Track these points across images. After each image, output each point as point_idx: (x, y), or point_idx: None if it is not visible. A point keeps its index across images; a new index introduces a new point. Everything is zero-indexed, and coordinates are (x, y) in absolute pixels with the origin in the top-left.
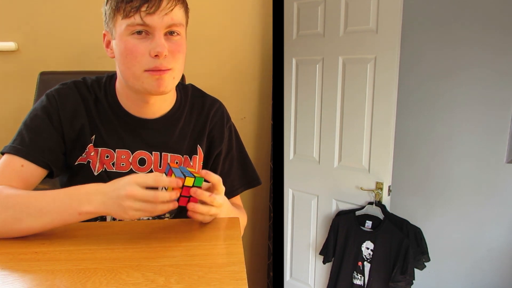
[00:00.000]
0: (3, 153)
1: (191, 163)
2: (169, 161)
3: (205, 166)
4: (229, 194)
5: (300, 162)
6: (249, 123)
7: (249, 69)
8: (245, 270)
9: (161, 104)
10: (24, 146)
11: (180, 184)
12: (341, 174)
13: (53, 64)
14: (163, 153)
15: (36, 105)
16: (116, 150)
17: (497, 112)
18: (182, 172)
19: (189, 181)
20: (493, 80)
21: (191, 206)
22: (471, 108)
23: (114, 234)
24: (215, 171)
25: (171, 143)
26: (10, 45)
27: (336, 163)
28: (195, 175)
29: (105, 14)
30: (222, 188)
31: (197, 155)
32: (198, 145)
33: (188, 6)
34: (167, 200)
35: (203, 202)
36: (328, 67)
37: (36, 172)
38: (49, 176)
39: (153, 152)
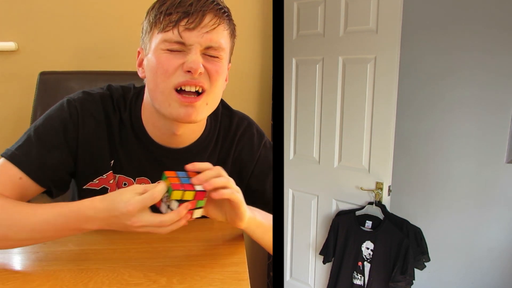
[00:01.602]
0: (2, 156)
1: None
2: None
3: (240, 188)
4: None
5: (300, 162)
6: None
7: (249, 69)
8: (248, 270)
9: (190, 134)
10: (29, 159)
11: (189, 207)
12: (341, 174)
13: (53, 64)
14: None
15: (53, 112)
16: (136, 178)
17: (497, 112)
18: (181, 184)
19: (189, 195)
20: (493, 80)
21: (209, 184)
22: (471, 108)
23: (116, 234)
24: (256, 191)
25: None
26: (10, 45)
27: (336, 163)
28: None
29: (142, 29)
30: (214, 171)
31: None
32: None
33: (236, 32)
34: (175, 221)
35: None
36: (328, 67)
37: (34, 188)
38: (49, 195)
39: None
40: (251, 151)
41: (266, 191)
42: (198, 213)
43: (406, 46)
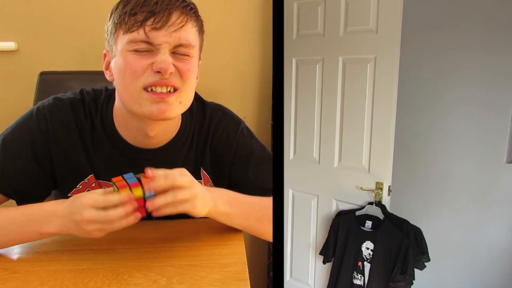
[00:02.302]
0: None
1: None
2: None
3: (223, 179)
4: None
5: (300, 162)
6: (249, 123)
7: (249, 69)
8: (247, 270)
9: (164, 135)
10: None
11: (133, 197)
12: (341, 174)
13: (53, 64)
14: None
15: (22, 121)
16: None
17: (497, 112)
18: (127, 183)
19: (137, 192)
20: (493, 80)
21: (151, 204)
22: (471, 108)
23: (116, 234)
24: (240, 179)
25: None
26: (10, 45)
27: (336, 163)
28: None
29: (107, 30)
30: (172, 175)
31: (201, 179)
32: (202, 169)
33: (204, 28)
34: (123, 216)
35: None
36: (328, 67)
37: None
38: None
39: None
40: (228, 141)
41: (250, 177)
42: None
43: (406, 46)
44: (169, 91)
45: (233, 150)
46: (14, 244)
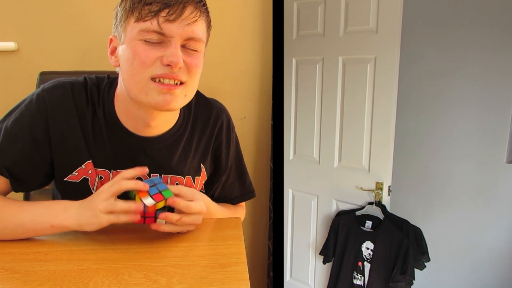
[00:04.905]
0: None
1: (193, 184)
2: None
3: (209, 183)
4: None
5: (300, 162)
6: (249, 123)
7: (249, 69)
8: (247, 270)
9: (164, 125)
10: None
11: (148, 187)
12: (341, 174)
13: (53, 64)
14: (162, 174)
15: (23, 105)
16: (112, 171)
17: (497, 112)
18: (157, 191)
19: (159, 204)
20: (493, 79)
21: (166, 217)
22: (471, 108)
23: (116, 234)
24: (238, 183)
25: (172, 163)
26: (10, 45)
27: (336, 163)
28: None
29: (117, 16)
30: (195, 208)
31: (200, 176)
32: (202, 165)
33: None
34: (131, 211)
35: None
36: (328, 67)
37: None
38: (20, 190)
39: (151, 174)
40: (228, 147)
41: (246, 181)
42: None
43: (406, 45)
44: (176, 83)
45: (229, 156)
46: (26, 236)
